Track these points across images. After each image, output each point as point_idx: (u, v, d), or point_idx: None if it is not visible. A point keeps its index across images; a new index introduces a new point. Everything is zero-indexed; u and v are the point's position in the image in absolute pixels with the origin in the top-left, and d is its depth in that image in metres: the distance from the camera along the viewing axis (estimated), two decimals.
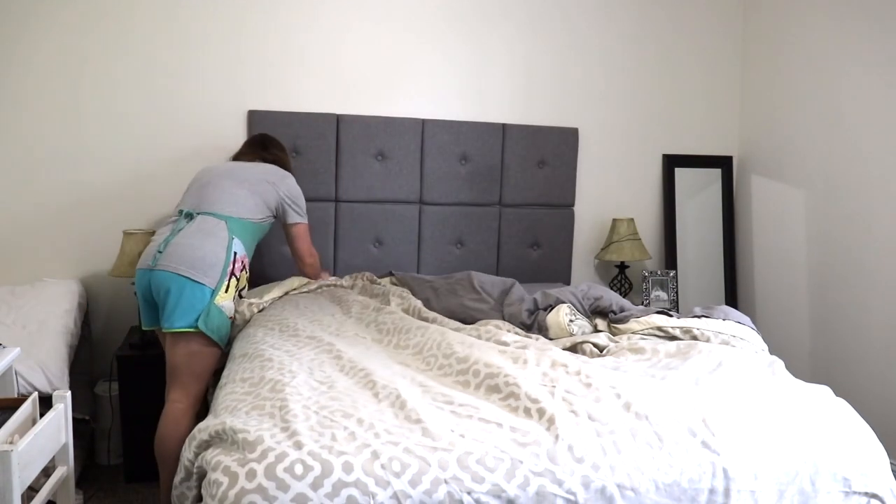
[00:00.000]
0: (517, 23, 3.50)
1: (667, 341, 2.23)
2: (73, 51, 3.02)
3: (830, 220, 3.24)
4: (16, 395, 2.06)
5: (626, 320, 2.43)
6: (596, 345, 2.25)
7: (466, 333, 2.29)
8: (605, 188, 3.73)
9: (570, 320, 2.44)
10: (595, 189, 3.70)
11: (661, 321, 2.36)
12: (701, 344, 2.17)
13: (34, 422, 1.66)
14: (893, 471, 1.77)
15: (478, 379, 1.89)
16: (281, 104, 3.23)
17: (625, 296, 3.54)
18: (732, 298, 3.80)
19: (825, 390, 1.92)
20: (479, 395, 1.82)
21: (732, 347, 2.22)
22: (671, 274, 3.63)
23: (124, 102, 3.09)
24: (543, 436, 1.58)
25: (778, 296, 3.58)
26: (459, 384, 1.91)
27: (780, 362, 2.08)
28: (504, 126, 3.46)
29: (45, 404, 1.74)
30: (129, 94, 3.09)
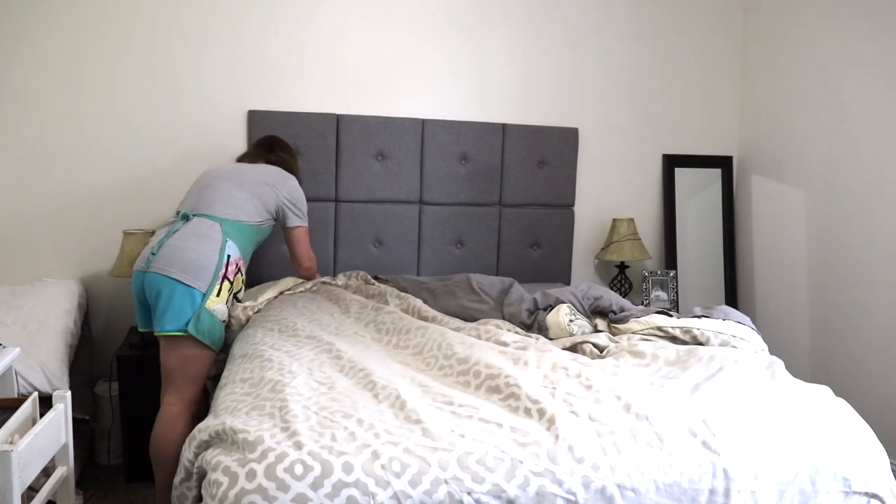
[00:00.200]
0: (517, 23, 3.50)
1: (667, 345, 2.21)
2: (74, 51, 3.02)
3: (830, 220, 3.24)
4: (16, 395, 2.06)
5: (626, 320, 2.43)
6: (596, 345, 2.25)
7: (466, 333, 2.29)
8: (605, 188, 3.73)
9: (570, 320, 2.44)
10: (595, 189, 3.70)
11: (661, 321, 2.35)
12: (701, 350, 2.12)
13: (34, 422, 1.66)
14: (893, 471, 1.77)
15: (478, 380, 1.89)
16: (281, 104, 3.23)
17: (625, 296, 3.54)
18: (732, 298, 3.80)
19: (825, 390, 1.92)
20: (480, 396, 1.82)
21: (733, 348, 2.22)
22: (671, 274, 3.63)
23: (124, 102, 3.09)
24: (544, 436, 1.58)
25: (778, 296, 3.58)
26: (460, 385, 1.91)
27: (780, 362, 2.08)
28: (504, 126, 3.46)
29: (45, 404, 1.74)
30: (129, 95, 3.09)
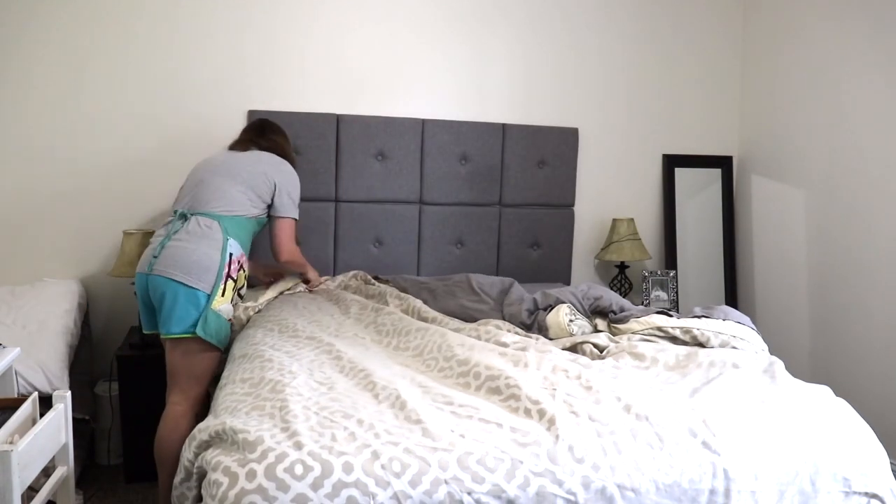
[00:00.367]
0: (517, 23, 3.50)
1: (667, 348, 2.20)
2: (73, 51, 3.02)
3: (830, 220, 3.24)
4: (16, 395, 2.06)
5: (626, 320, 2.43)
6: (596, 345, 2.24)
7: (466, 334, 2.29)
8: (605, 188, 3.72)
9: (570, 320, 2.44)
10: (595, 189, 3.70)
11: (661, 321, 2.35)
12: (701, 355, 2.11)
13: (34, 422, 1.66)
14: (893, 471, 1.77)
15: (478, 381, 1.89)
16: (281, 104, 3.23)
17: (625, 296, 3.54)
18: (732, 298, 3.80)
19: (825, 390, 1.92)
20: (480, 396, 1.82)
21: (733, 349, 2.21)
22: (671, 274, 3.62)
23: (124, 103, 3.09)
24: (544, 436, 1.58)
25: (778, 296, 3.58)
26: (460, 386, 1.91)
27: (780, 362, 2.08)
28: (504, 126, 3.46)
29: (45, 404, 1.74)
30: (128, 95, 3.09)
